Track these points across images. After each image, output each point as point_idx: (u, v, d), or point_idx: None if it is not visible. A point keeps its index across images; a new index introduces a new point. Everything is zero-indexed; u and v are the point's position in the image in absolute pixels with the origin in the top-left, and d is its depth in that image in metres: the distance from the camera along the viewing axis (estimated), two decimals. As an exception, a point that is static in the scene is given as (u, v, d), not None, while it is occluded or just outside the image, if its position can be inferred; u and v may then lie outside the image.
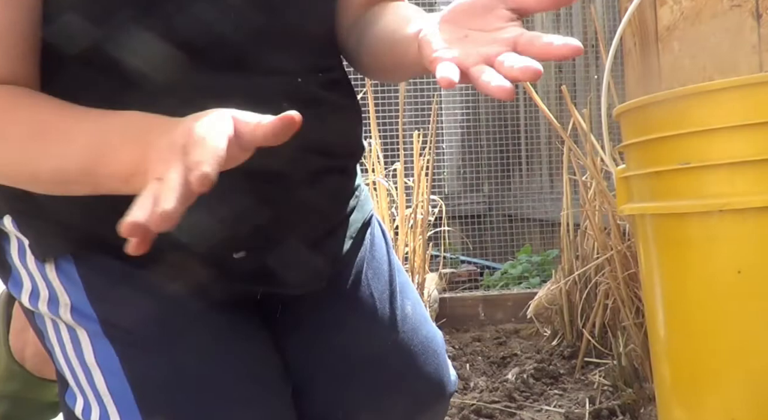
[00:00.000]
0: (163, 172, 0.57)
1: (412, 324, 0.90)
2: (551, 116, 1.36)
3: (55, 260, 0.81)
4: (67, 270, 0.81)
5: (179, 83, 0.89)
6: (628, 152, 0.99)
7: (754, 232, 0.83)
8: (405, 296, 0.92)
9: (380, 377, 0.87)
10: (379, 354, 0.87)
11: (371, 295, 0.89)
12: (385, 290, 0.91)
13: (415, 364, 0.88)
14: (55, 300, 0.82)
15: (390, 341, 0.88)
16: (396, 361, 0.87)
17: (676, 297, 0.92)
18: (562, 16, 2.60)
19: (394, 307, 0.90)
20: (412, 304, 0.91)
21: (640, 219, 0.97)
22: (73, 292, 0.81)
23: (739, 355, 0.86)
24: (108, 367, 0.78)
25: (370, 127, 1.73)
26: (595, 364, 1.51)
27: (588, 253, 1.56)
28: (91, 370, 0.79)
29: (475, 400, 1.36)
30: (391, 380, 0.87)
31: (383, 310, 0.89)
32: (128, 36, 0.84)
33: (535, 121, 2.72)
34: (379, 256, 0.93)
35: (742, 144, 0.82)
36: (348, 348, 0.87)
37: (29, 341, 1.09)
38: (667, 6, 1.44)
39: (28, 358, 1.10)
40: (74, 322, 0.81)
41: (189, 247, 0.82)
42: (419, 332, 0.90)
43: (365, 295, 0.89)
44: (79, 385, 0.81)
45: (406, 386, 0.88)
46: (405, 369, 0.87)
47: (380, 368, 0.87)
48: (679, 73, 1.42)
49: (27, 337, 1.09)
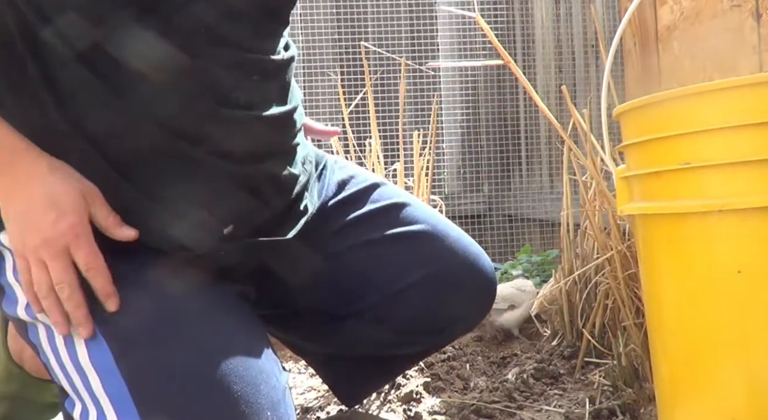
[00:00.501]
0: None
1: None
2: (551, 116, 1.36)
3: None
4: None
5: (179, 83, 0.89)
6: (628, 152, 0.99)
7: (754, 232, 0.83)
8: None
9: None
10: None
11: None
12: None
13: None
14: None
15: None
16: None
17: (676, 297, 0.92)
18: (562, 16, 2.60)
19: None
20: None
21: (640, 219, 0.97)
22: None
23: (739, 355, 0.86)
24: (103, 367, 0.78)
25: (371, 127, 1.73)
26: (595, 364, 1.51)
27: (588, 253, 1.56)
28: (86, 372, 0.80)
29: (475, 400, 1.36)
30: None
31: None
32: (128, 36, 0.84)
33: (535, 121, 2.72)
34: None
35: (742, 144, 0.82)
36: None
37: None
38: (667, 6, 1.44)
39: (27, 359, 1.10)
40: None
41: (187, 245, 0.83)
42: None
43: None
44: (76, 390, 0.81)
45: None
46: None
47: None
48: (679, 73, 1.42)
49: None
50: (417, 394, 1.41)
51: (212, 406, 0.77)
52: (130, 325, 0.79)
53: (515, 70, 1.29)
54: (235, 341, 0.81)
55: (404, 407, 1.37)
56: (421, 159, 1.73)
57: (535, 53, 2.72)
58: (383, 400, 1.42)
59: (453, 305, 1.07)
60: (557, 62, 2.62)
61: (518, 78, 1.30)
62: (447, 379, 1.50)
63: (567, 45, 2.58)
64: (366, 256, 1.04)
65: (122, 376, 0.77)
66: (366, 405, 1.40)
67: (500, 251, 2.63)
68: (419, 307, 1.04)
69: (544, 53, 2.68)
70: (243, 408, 0.77)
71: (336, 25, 2.64)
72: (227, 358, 0.79)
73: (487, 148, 2.78)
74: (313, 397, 1.50)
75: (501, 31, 2.69)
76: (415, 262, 1.04)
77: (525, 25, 2.73)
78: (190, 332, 0.80)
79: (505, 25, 2.72)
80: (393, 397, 1.43)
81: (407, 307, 1.04)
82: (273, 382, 0.81)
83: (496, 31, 2.16)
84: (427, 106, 2.56)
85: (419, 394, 1.41)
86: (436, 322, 1.08)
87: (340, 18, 2.64)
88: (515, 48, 2.75)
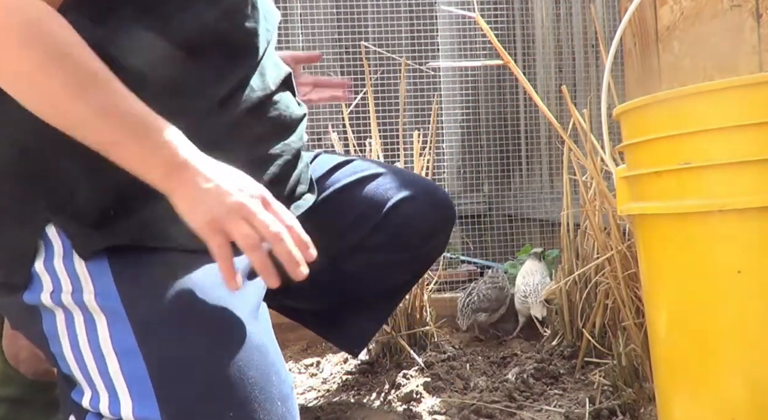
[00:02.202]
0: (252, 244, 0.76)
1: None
2: (551, 116, 1.36)
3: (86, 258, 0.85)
4: (98, 262, 0.85)
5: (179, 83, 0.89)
6: (628, 152, 0.99)
7: (754, 232, 0.83)
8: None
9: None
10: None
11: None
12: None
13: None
14: (79, 290, 0.84)
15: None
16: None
17: (676, 297, 0.92)
18: (562, 16, 2.60)
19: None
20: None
21: (640, 219, 0.97)
22: (100, 280, 0.84)
23: (739, 354, 0.86)
24: (124, 350, 0.80)
25: (371, 127, 1.73)
26: (595, 364, 1.51)
27: (588, 253, 1.56)
28: (105, 356, 0.81)
29: (475, 400, 1.36)
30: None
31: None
32: (128, 36, 0.84)
33: (535, 121, 2.72)
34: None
35: (742, 144, 0.82)
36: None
37: (23, 345, 1.10)
38: (667, 6, 1.44)
39: (23, 361, 1.10)
40: (96, 306, 0.83)
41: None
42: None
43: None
44: (88, 376, 0.82)
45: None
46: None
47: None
48: (679, 73, 1.42)
49: (21, 342, 1.09)
50: (417, 394, 1.41)
51: (229, 391, 0.78)
52: (156, 308, 0.81)
53: (515, 70, 1.29)
54: (251, 333, 0.83)
55: (404, 407, 1.37)
56: (421, 159, 1.73)
57: (535, 53, 2.72)
58: (383, 400, 1.42)
59: (428, 217, 1.27)
60: (557, 62, 2.62)
61: (518, 78, 1.30)
62: (447, 379, 1.50)
63: (567, 45, 2.58)
64: (351, 192, 1.24)
65: (143, 357, 0.79)
66: (366, 405, 1.40)
67: (500, 251, 2.62)
68: (402, 222, 1.24)
69: (544, 53, 2.68)
70: (257, 394, 0.79)
71: (336, 25, 2.64)
72: (244, 347, 0.80)
73: (487, 148, 2.78)
74: (313, 397, 1.50)
75: (501, 31, 2.69)
76: (393, 187, 1.25)
77: (525, 25, 2.72)
78: (212, 320, 0.82)
79: (505, 25, 2.72)
80: (393, 397, 1.43)
81: (394, 223, 1.23)
82: (283, 376, 0.83)
83: (496, 31, 2.16)
84: (427, 106, 2.55)
85: (419, 394, 1.41)
86: (418, 232, 1.27)
87: (340, 18, 2.63)
88: (515, 48, 2.75)
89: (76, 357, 0.83)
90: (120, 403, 0.78)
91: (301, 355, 1.83)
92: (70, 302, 0.84)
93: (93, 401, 0.81)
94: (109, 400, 0.79)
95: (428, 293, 1.73)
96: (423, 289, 1.69)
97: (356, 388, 1.51)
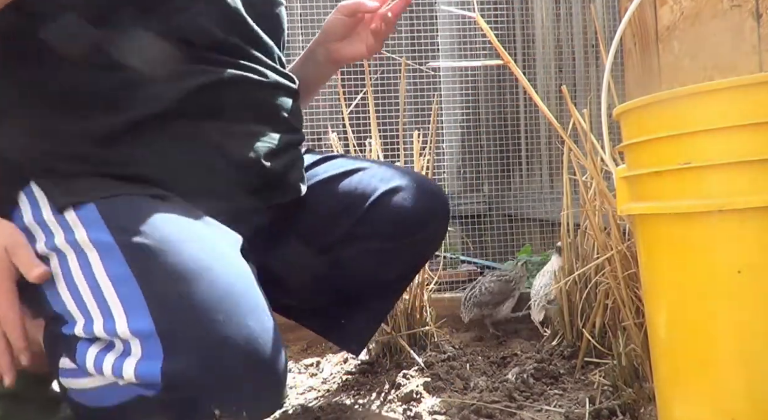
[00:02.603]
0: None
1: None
2: (551, 116, 1.36)
3: (75, 206, 0.90)
4: (87, 209, 0.90)
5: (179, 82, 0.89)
6: (628, 152, 0.99)
7: (754, 232, 0.83)
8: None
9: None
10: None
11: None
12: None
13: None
14: (71, 232, 0.89)
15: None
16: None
17: (676, 297, 0.92)
18: (562, 16, 2.60)
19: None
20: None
21: (640, 219, 0.97)
22: (90, 222, 0.89)
23: (739, 354, 0.86)
24: (118, 276, 0.84)
25: (371, 127, 1.73)
26: (595, 364, 1.51)
27: (588, 253, 1.56)
28: (100, 285, 0.85)
29: (475, 400, 1.36)
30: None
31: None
32: (127, 36, 0.84)
33: (535, 121, 2.72)
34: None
35: (742, 144, 0.82)
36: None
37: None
38: (667, 6, 1.44)
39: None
40: (89, 242, 0.87)
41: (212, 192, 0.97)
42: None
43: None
44: (81, 305, 0.86)
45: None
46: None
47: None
48: (679, 73, 1.42)
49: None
50: (417, 394, 1.41)
51: (219, 300, 0.81)
52: (145, 235, 0.85)
53: (515, 70, 1.29)
54: (232, 254, 0.89)
55: (404, 407, 1.37)
56: (421, 159, 1.73)
57: (535, 53, 2.72)
58: (383, 400, 1.42)
59: (417, 206, 1.28)
60: (557, 62, 2.62)
61: (518, 78, 1.30)
62: (447, 379, 1.50)
63: (567, 45, 2.58)
64: (337, 183, 1.27)
65: (135, 278, 0.83)
66: (366, 405, 1.40)
67: (500, 251, 2.62)
68: (390, 211, 1.26)
69: (544, 53, 2.68)
70: (245, 301, 0.83)
71: (336, 25, 2.64)
72: (228, 262, 0.87)
73: (487, 148, 2.78)
74: (312, 397, 1.50)
75: (501, 31, 2.69)
76: (380, 178, 1.28)
77: (525, 25, 2.72)
78: (200, 240, 0.87)
79: (505, 25, 2.72)
80: (393, 397, 1.43)
81: (381, 212, 1.25)
82: (262, 294, 0.89)
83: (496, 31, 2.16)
84: (427, 106, 2.55)
85: (419, 394, 1.41)
86: (406, 221, 1.28)
87: (340, 18, 2.63)
88: (515, 48, 2.75)
89: (71, 290, 0.87)
90: (115, 321, 0.82)
91: (301, 355, 1.83)
92: (63, 243, 0.88)
93: (86, 327, 0.84)
94: (104, 321, 0.83)
95: (428, 293, 1.73)
96: (423, 289, 1.69)
97: (356, 388, 1.51)
